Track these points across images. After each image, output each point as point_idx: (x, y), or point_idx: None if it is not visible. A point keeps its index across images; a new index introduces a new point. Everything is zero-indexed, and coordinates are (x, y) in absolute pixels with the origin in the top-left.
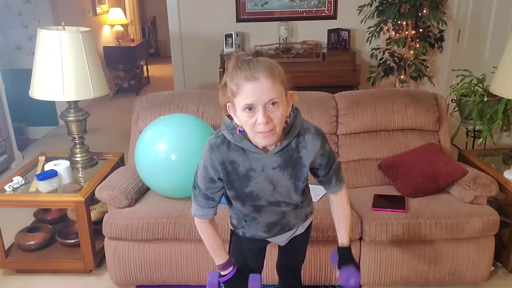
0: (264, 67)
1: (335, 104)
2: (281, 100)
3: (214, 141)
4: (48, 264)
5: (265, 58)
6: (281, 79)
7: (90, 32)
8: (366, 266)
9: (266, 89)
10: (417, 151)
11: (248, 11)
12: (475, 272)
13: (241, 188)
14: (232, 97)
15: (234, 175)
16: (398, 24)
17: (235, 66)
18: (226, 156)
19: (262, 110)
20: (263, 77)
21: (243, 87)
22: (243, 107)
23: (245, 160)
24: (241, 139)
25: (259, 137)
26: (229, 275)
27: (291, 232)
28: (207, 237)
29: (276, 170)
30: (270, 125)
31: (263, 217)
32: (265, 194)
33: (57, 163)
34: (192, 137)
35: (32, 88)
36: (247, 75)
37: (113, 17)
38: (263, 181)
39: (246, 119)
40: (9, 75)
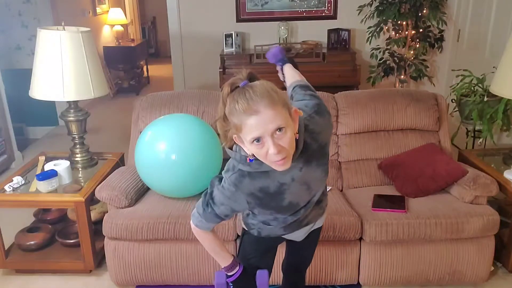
0: (262, 96)
1: (335, 104)
2: (287, 124)
3: (234, 177)
4: (48, 264)
5: (260, 82)
6: (282, 102)
7: (90, 32)
8: (366, 266)
9: (270, 119)
10: (417, 151)
11: (248, 11)
12: (475, 272)
13: (278, 204)
14: (236, 131)
15: (267, 198)
16: (398, 24)
17: (232, 100)
18: (253, 187)
19: (270, 140)
20: (264, 108)
21: (246, 123)
22: (251, 141)
23: (273, 180)
24: (259, 165)
25: (275, 165)
26: (236, 275)
27: (309, 226)
28: (209, 243)
29: (303, 169)
30: (282, 153)
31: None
32: (303, 197)
33: (57, 163)
34: (192, 137)
35: (32, 88)
36: (246, 109)
37: (113, 17)
38: (297, 188)
39: (257, 151)
40: (9, 75)
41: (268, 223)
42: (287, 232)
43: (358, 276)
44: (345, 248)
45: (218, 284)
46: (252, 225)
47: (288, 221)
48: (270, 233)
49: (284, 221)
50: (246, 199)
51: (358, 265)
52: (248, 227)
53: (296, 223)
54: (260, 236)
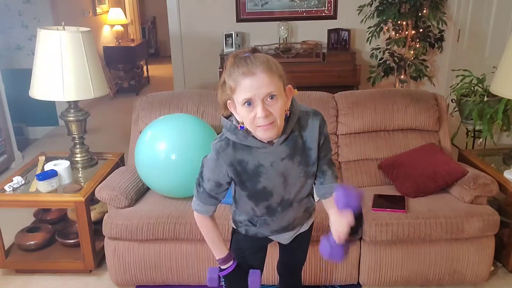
0: (261, 62)
1: (335, 104)
2: (280, 94)
3: (219, 145)
4: (48, 264)
5: (262, 54)
6: (279, 73)
7: (90, 32)
8: (366, 266)
9: (264, 83)
10: (417, 151)
11: (248, 11)
12: (475, 272)
13: (253, 186)
14: (231, 93)
15: (244, 175)
16: (398, 24)
17: (233, 64)
18: (233, 158)
19: (261, 104)
20: (260, 71)
21: (241, 83)
22: (242, 102)
23: (253, 158)
24: (245, 137)
25: (260, 130)
26: (229, 269)
27: (295, 230)
28: (207, 231)
29: (285, 160)
30: (269, 118)
31: (275, 222)
32: (278, 189)
33: (57, 163)
34: (192, 137)
35: (32, 88)
36: (244, 71)
37: (113, 17)
38: (274, 176)
39: (246, 114)
40: (9, 75)
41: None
42: (273, 233)
43: (358, 276)
44: None
45: (210, 278)
46: (239, 223)
47: (268, 221)
48: (256, 233)
49: (265, 222)
50: (227, 170)
51: (358, 265)
52: (236, 225)
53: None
54: (247, 235)
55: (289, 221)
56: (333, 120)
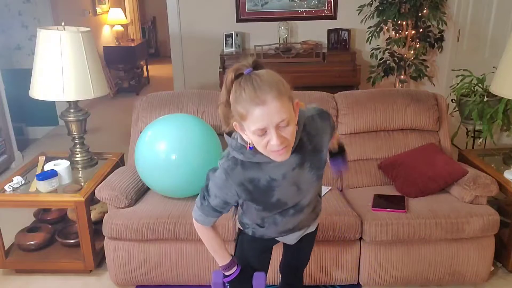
0: (270, 87)
1: (335, 104)
2: (291, 116)
3: (227, 165)
4: (48, 264)
5: (266, 71)
6: (288, 94)
7: (90, 32)
8: (366, 266)
9: (276, 111)
10: (417, 151)
11: (248, 11)
12: (475, 272)
13: (267, 200)
14: (240, 119)
15: (256, 192)
16: (398, 24)
17: (239, 87)
18: (243, 177)
19: (274, 132)
20: (271, 99)
21: (252, 113)
22: (254, 131)
23: (264, 173)
24: (252, 155)
25: (274, 155)
26: (233, 275)
27: (302, 231)
28: (208, 240)
29: (296, 169)
30: (284, 143)
31: (284, 223)
32: (292, 198)
33: (57, 163)
34: (192, 137)
35: (32, 88)
36: (253, 98)
37: (113, 17)
38: (287, 187)
39: (258, 141)
40: (9, 75)
41: (260, 224)
42: (280, 234)
43: (358, 276)
44: (345, 248)
45: (214, 283)
46: (246, 224)
47: (277, 221)
48: (264, 234)
49: (274, 222)
50: (236, 190)
51: (358, 265)
52: (243, 226)
53: (286, 226)
54: (254, 236)
55: (297, 222)
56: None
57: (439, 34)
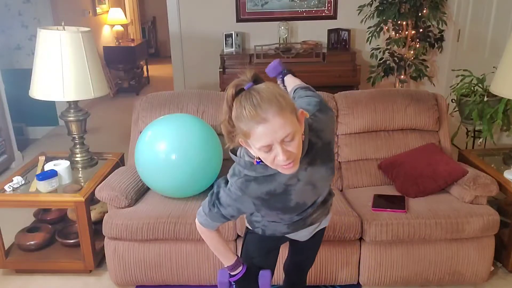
0: (270, 103)
1: (335, 104)
2: (296, 129)
3: (241, 183)
4: (48, 264)
5: (266, 87)
6: (290, 108)
7: (90, 32)
8: (366, 266)
9: (279, 127)
10: (417, 151)
11: (248, 11)
12: (475, 272)
13: (285, 205)
14: (244, 137)
15: (273, 200)
16: (398, 24)
17: (239, 105)
18: (259, 191)
19: (279, 147)
20: (272, 116)
21: (255, 131)
22: (259, 148)
23: (279, 182)
24: (264, 169)
25: (283, 169)
26: (239, 275)
27: (314, 226)
28: (213, 243)
29: (308, 168)
30: (291, 158)
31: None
32: (309, 197)
33: (57, 163)
34: (192, 137)
35: (32, 88)
36: (254, 116)
37: (113, 17)
38: (303, 188)
39: (265, 157)
40: (9, 75)
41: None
42: (292, 230)
43: (358, 276)
44: (345, 248)
45: (220, 282)
46: (256, 223)
47: (293, 219)
48: (274, 231)
49: (289, 219)
50: (253, 202)
51: (358, 265)
52: (253, 226)
53: (301, 221)
54: (263, 235)
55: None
56: None
57: (439, 34)
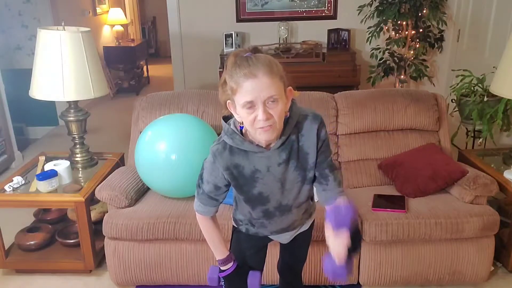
0: (263, 64)
1: (335, 104)
2: (280, 96)
3: (216, 148)
4: (48, 264)
5: (263, 55)
6: (280, 75)
7: (90, 32)
8: (366, 266)
9: (265, 86)
10: (417, 151)
11: (248, 11)
12: (475, 272)
13: (249, 190)
14: (231, 94)
15: (241, 179)
16: (398, 24)
17: (234, 64)
18: (230, 162)
19: (261, 107)
20: (262, 74)
21: (242, 85)
22: (243, 104)
23: (249, 162)
24: (241, 142)
25: (259, 132)
26: (228, 271)
27: (294, 230)
28: (208, 232)
29: (282, 165)
30: (270, 120)
31: (272, 225)
32: (274, 194)
33: (57, 163)
34: (192, 137)
35: (32, 88)
36: (245, 72)
37: (113, 17)
38: (271, 181)
39: (246, 116)
40: (9, 75)
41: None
42: (272, 234)
43: (358, 276)
44: None
45: (210, 278)
46: (240, 221)
47: (265, 224)
48: (257, 232)
49: (262, 224)
50: (223, 173)
51: (358, 265)
52: (237, 223)
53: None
54: (248, 234)
55: (288, 224)
56: (333, 120)
57: (439, 34)
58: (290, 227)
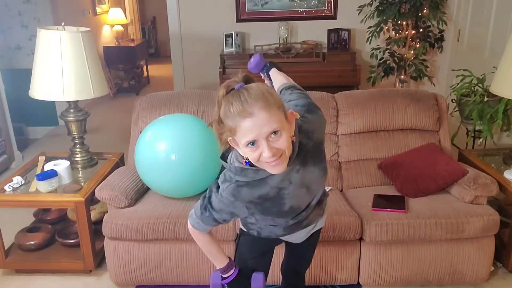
0: (256, 98)
1: (335, 104)
2: (283, 127)
3: (233, 188)
4: (48, 264)
5: (255, 85)
6: (277, 104)
7: (90, 32)
8: (366, 266)
9: (264, 121)
10: (417, 151)
11: (248, 11)
12: (475, 272)
13: (279, 210)
14: (231, 134)
15: (266, 203)
16: (398, 24)
17: (227, 102)
18: (252, 196)
19: (265, 143)
20: (258, 110)
21: (240, 125)
22: (245, 144)
23: (271, 186)
24: (255, 173)
25: (268, 167)
26: (231, 277)
27: (310, 227)
28: (205, 245)
29: (300, 170)
30: (277, 155)
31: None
32: (304, 200)
33: (57, 163)
34: (192, 137)
35: (32, 88)
36: (240, 111)
37: (113, 17)
38: (296, 191)
39: (250, 153)
40: (9, 75)
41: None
42: (288, 233)
43: (358, 276)
44: (345, 248)
45: (213, 284)
46: (251, 225)
47: (289, 223)
48: (270, 233)
49: (285, 223)
50: (246, 206)
51: (358, 265)
52: (247, 228)
53: (296, 224)
54: (258, 237)
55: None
56: (333, 120)
57: (439, 34)
58: (304, 224)
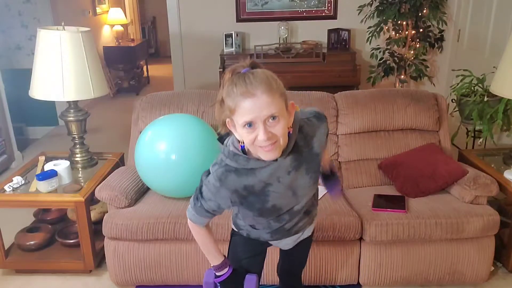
0: (261, 81)
1: (335, 104)
2: (281, 114)
3: (221, 172)
4: (48, 264)
5: (261, 70)
6: (280, 91)
7: (90, 32)
8: (366, 266)
9: (265, 104)
10: (417, 151)
11: (248, 11)
12: (475, 272)
13: (262, 206)
14: (230, 114)
15: (251, 197)
16: (398, 24)
17: (231, 82)
18: (238, 184)
19: (262, 126)
20: (261, 92)
21: (241, 105)
22: (243, 124)
23: (259, 179)
24: (247, 161)
25: (261, 151)
26: (224, 276)
27: (297, 235)
28: (201, 239)
29: (292, 173)
30: (271, 139)
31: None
32: (287, 203)
33: (57, 163)
34: (192, 137)
35: (32, 88)
36: (243, 91)
37: (113, 17)
38: (282, 191)
39: (246, 135)
40: (9, 75)
41: (254, 226)
42: (275, 238)
43: (358, 276)
44: (345, 248)
45: (206, 283)
46: (241, 226)
47: (272, 226)
48: (259, 236)
49: (268, 226)
50: (230, 197)
51: (358, 265)
52: (238, 228)
53: (282, 230)
54: (249, 238)
55: (292, 226)
56: (333, 120)
57: (439, 34)
58: (292, 232)
